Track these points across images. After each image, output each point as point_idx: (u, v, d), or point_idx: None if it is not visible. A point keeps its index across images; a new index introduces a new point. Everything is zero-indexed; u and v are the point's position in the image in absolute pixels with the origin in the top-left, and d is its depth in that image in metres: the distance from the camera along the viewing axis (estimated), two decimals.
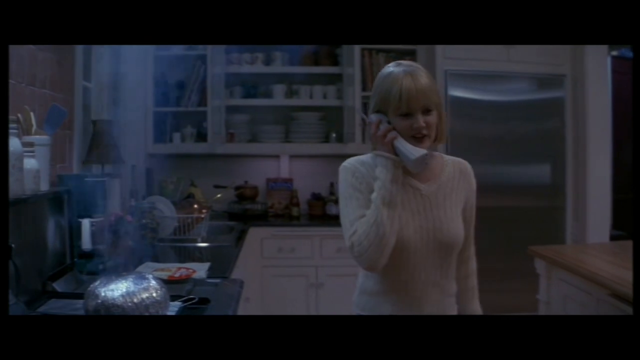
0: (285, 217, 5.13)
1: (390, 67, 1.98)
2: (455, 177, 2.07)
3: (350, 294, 2.15)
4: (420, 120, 1.91)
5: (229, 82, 5.14)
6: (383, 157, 1.94)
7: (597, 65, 4.79)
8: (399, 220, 1.92)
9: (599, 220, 4.82)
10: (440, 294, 2.01)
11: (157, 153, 5.01)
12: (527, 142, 4.90)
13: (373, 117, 1.99)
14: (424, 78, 1.93)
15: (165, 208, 3.97)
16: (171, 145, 5.04)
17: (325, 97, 5.16)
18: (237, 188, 5.16)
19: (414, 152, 1.91)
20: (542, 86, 4.95)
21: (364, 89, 5.04)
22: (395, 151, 1.94)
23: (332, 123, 5.18)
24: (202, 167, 5.24)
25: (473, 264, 2.16)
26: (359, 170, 2.00)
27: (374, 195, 1.91)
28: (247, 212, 5.07)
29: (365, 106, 4.95)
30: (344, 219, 1.97)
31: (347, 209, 1.96)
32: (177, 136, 5.10)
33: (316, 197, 5.10)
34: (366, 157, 2.05)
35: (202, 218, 3.97)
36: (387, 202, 1.89)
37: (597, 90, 4.80)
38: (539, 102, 4.95)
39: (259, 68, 5.15)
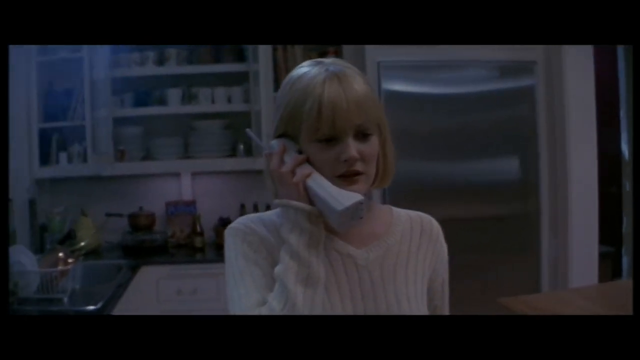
0: (188, 248, 4.44)
1: (305, 67, 1.38)
2: (412, 239, 1.48)
3: None
4: (352, 148, 1.32)
5: (118, 89, 4.44)
6: (291, 208, 1.33)
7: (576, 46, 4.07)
8: (323, 306, 1.33)
9: (584, 229, 4.08)
10: None
11: (42, 178, 4.30)
12: (488, 135, 4.19)
13: (274, 144, 1.38)
14: (359, 84, 1.34)
15: (27, 260, 3.29)
16: (57, 167, 4.30)
17: (229, 100, 4.46)
18: (131, 216, 4.46)
19: (341, 198, 1.30)
20: (506, 74, 4.23)
21: (276, 89, 4.31)
22: (310, 197, 1.34)
23: (239, 132, 4.48)
24: (92, 192, 4.56)
25: None
26: (254, 232, 1.39)
27: (279, 268, 1.31)
28: (143, 244, 4.38)
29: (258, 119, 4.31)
30: (233, 306, 1.35)
31: (238, 290, 1.35)
32: (63, 156, 4.34)
33: (224, 222, 4.41)
34: (269, 215, 1.44)
35: (68, 270, 3.26)
36: (301, 278, 1.29)
37: (578, 75, 4.09)
38: (502, 93, 4.22)
39: (151, 69, 4.44)
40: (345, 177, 1.33)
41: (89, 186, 4.55)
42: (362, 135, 1.33)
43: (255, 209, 4.46)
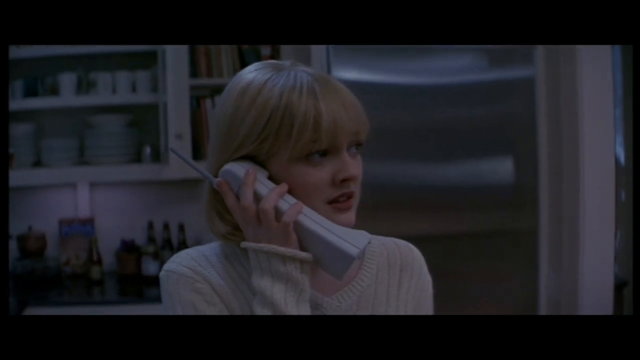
0: (86, 280, 3.61)
1: (264, 72, 1.12)
2: (390, 277, 1.25)
3: None
4: (350, 163, 1.11)
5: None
6: (277, 256, 1.07)
7: None
8: None
9: (597, 251, 3.18)
10: None
11: None
12: (473, 133, 3.36)
13: (234, 169, 1.09)
14: (345, 87, 1.14)
15: None
16: None
17: (134, 89, 3.60)
18: (20, 237, 3.64)
19: (351, 239, 1.06)
20: (497, 63, 3.38)
21: (194, 74, 3.55)
22: (300, 240, 1.08)
23: (144, 131, 3.65)
24: None
25: None
26: (205, 278, 1.13)
27: None
28: (34, 274, 3.57)
29: (194, 113, 3.53)
30: None
31: None
32: None
33: (128, 247, 3.56)
34: (208, 250, 1.18)
35: None
36: None
37: (595, 59, 3.21)
38: (491, 85, 3.36)
39: (40, 49, 3.56)
40: (338, 204, 1.11)
41: None
42: (353, 148, 1.14)
43: (166, 228, 3.59)
